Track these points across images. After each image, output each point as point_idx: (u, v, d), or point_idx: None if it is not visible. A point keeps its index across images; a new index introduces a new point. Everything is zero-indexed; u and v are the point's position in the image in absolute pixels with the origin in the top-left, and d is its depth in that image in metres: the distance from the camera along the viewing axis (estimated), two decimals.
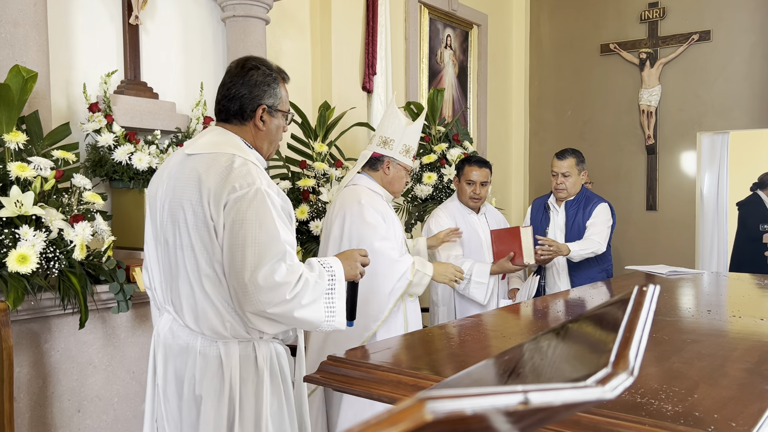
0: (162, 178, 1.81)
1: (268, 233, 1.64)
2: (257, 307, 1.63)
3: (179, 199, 1.71)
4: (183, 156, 1.79)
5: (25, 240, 2.26)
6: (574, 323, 0.70)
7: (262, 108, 1.81)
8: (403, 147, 2.73)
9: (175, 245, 1.73)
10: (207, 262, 1.67)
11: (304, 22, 4.40)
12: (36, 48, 2.70)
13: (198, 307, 1.70)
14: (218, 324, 1.70)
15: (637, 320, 0.59)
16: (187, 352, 1.73)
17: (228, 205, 1.64)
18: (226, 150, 1.73)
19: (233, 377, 1.72)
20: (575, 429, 1.16)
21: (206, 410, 1.71)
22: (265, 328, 1.71)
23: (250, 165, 1.72)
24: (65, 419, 2.56)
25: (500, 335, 1.98)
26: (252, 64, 1.83)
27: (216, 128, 1.83)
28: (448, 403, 0.32)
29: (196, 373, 1.72)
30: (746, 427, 1.09)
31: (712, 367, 1.45)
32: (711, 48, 5.96)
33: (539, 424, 0.48)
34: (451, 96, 5.89)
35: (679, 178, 6.20)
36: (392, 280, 2.55)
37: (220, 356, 1.71)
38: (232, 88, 1.80)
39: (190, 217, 1.68)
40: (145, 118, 3.20)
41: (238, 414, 1.72)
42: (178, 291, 1.73)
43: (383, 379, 1.49)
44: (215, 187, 1.66)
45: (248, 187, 1.65)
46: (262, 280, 1.60)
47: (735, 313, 2.19)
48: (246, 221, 1.63)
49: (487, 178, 3.42)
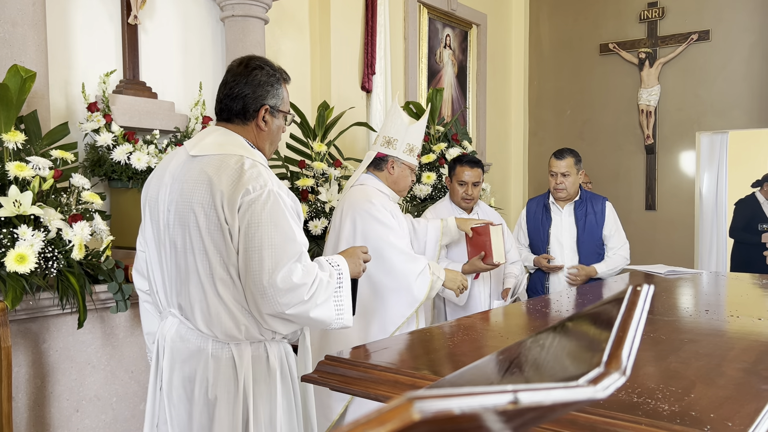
0: (164, 180, 1.78)
1: (284, 235, 1.64)
2: (276, 309, 1.63)
3: (188, 202, 1.69)
4: (187, 157, 1.76)
5: (24, 240, 2.26)
6: (570, 322, 0.70)
7: (264, 108, 1.80)
8: (406, 146, 2.73)
9: (185, 248, 1.70)
10: (221, 264, 1.66)
11: (303, 22, 4.41)
12: (35, 47, 2.70)
13: (211, 310, 1.69)
14: (232, 326, 1.69)
15: (630, 320, 0.59)
16: (198, 356, 1.72)
17: (242, 208, 1.64)
18: (233, 151, 1.72)
19: (246, 378, 1.72)
20: (572, 428, 1.16)
21: (221, 412, 1.70)
22: (279, 329, 1.71)
23: (260, 166, 1.71)
24: (64, 419, 2.56)
25: (498, 335, 1.98)
26: (256, 63, 1.81)
27: (218, 128, 1.81)
28: (436, 403, 0.32)
29: (209, 376, 1.71)
30: (742, 426, 1.09)
31: (709, 367, 1.45)
32: (710, 48, 5.96)
33: (532, 423, 0.48)
34: (451, 96, 5.90)
35: (679, 177, 6.20)
36: (411, 278, 2.54)
37: (233, 358, 1.71)
38: (235, 87, 1.78)
39: (202, 220, 1.66)
40: (143, 117, 3.20)
41: (252, 415, 1.72)
42: (188, 294, 1.71)
43: (381, 379, 1.49)
44: (228, 189, 1.64)
45: (261, 189, 1.65)
46: (281, 282, 1.60)
47: (733, 312, 2.19)
48: (261, 224, 1.62)
49: (479, 179, 3.37)
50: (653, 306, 2.39)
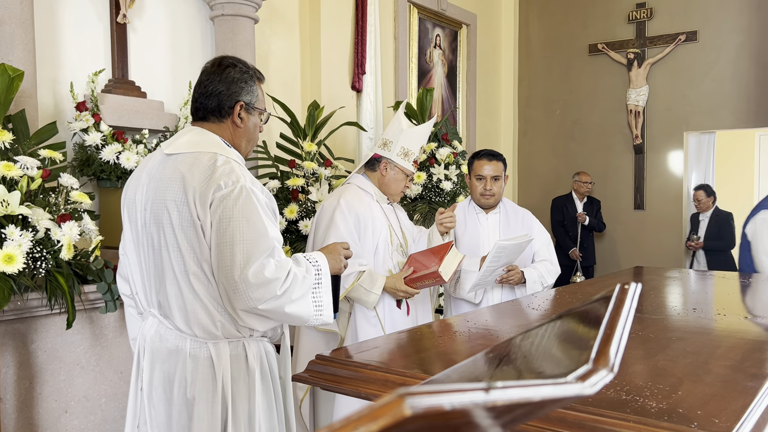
0: (141, 180, 1.80)
1: (256, 230, 1.64)
2: (248, 303, 1.63)
3: (162, 200, 1.70)
4: (162, 156, 1.78)
5: (12, 240, 2.24)
6: (560, 319, 0.71)
7: (239, 105, 1.81)
8: (401, 149, 2.72)
9: (160, 246, 1.72)
10: (194, 261, 1.67)
11: (293, 21, 4.40)
12: (22, 46, 2.68)
13: (187, 307, 1.70)
14: (209, 323, 1.70)
15: (618, 318, 0.60)
16: (176, 355, 1.72)
17: (214, 204, 1.65)
18: (207, 149, 1.73)
19: (225, 377, 1.72)
20: (561, 426, 1.17)
21: (200, 412, 1.70)
22: (255, 325, 1.71)
23: (233, 163, 1.72)
24: (52, 420, 2.54)
25: (489, 333, 1.99)
26: (228, 62, 1.84)
27: (194, 128, 1.83)
28: (426, 399, 0.33)
29: (188, 376, 1.71)
30: (729, 423, 1.10)
31: (696, 365, 1.47)
32: (698, 48, 6.01)
33: (522, 419, 0.49)
34: (441, 95, 5.91)
35: (667, 177, 6.25)
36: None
37: (211, 357, 1.71)
38: (209, 86, 1.80)
39: (175, 217, 1.68)
40: (132, 117, 3.19)
41: (231, 414, 1.72)
42: (165, 292, 1.72)
43: (371, 378, 1.49)
44: (200, 186, 1.66)
45: (233, 185, 1.66)
46: (252, 276, 1.61)
47: (720, 311, 2.21)
48: (233, 219, 1.63)
49: (499, 173, 3.05)
50: (642, 304, 2.41)
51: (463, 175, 4.32)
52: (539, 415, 0.51)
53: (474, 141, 6.29)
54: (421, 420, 0.32)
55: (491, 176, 3.05)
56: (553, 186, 6.64)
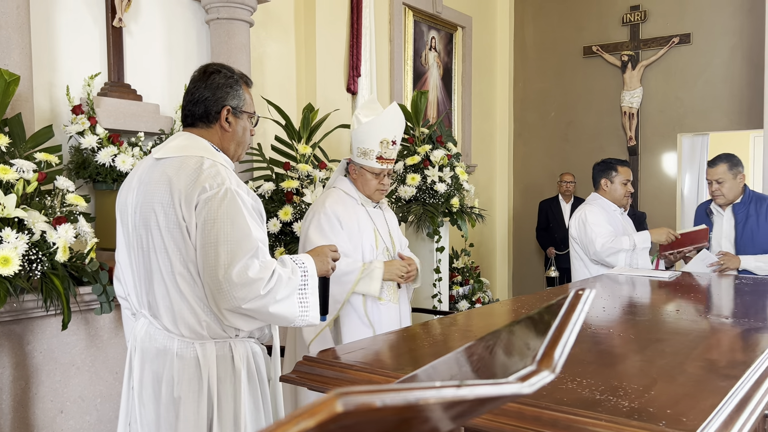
0: (132, 184, 1.86)
1: (240, 231, 1.68)
2: (232, 303, 1.67)
3: (150, 203, 1.76)
4: (152, 161, 1.84)
5: (8, 242, 2.27)
6: (517, 324, 0.75)
7: (226, 109, 1.86)
8: (357, 150, 2.75)
9: (148, 248, 1.77)
10: (181, 262, 1.72)
11: (289, 25, 4.44)
12: (19, 50, 2.72)
13: (174, 307, 1.74)
14: (195, 323, 1.74)
15: (568, 322, 0.64)
16: (164, 355, 1.77)
17: (199, 206, 1.69)
18: (195, 153, 1.78)
19: (211, 377, 1.76)
20: (536, 424, 1.21)
21: (185, 411, 1.74)
22: (240, 325, 1.75)
23: (219, 166, 1.77)
24: (48, 420, 2.58)
25: (475, 335, 2.03)
26: (213, 68, 1.90)
27: (184, 133, 1.89)
28: (359, 398, 0.36)
29: (174, 375, 1.75)
30: (696, 422, 1.14)
31: (672, 365, 1.51)
32: (691, 51, 6.06)
33: (468, 414, 0.53)
34: (436, 98, 5.95)
35: (660, 178, 6.30)
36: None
37: (197, 357, 1.75)
38: (196, 93, 1.87)
39: (161, 219, 1.73)
40: (128, 120, 3.22)
41: (216, 414, 1.76)
42: (154, 293, 1.77)
43: (356, 379, 1.53)
44: (185, 188, 1.71)
45: (218, 187, 1.71)
46: (236, 276, 1.65)
47: (702, 312, 2.25)
48: (218, 220, 1.68)
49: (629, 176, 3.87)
50: (630, 306, 2.45)
51: (457, 176, 4.37)
52: (483, 411, 0.55)
53: (469, 143, 6.33)
54: (355, 416, 0.36)
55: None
56: (548, 187, 6.69)
